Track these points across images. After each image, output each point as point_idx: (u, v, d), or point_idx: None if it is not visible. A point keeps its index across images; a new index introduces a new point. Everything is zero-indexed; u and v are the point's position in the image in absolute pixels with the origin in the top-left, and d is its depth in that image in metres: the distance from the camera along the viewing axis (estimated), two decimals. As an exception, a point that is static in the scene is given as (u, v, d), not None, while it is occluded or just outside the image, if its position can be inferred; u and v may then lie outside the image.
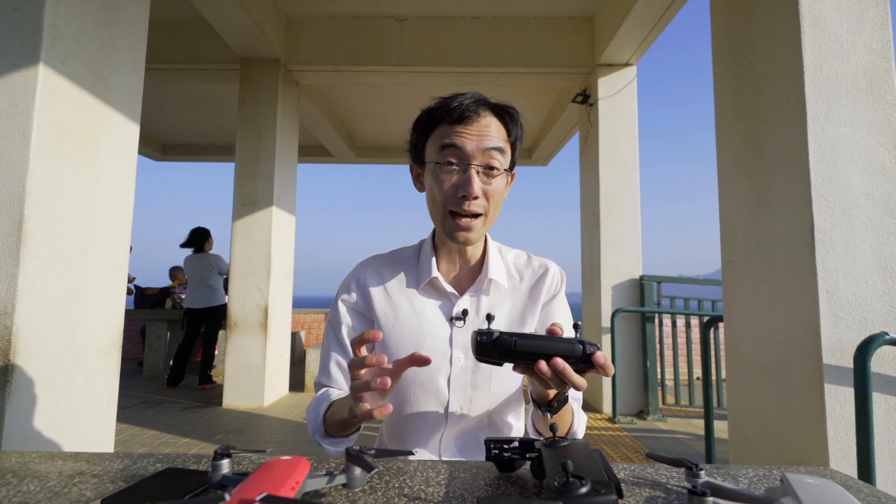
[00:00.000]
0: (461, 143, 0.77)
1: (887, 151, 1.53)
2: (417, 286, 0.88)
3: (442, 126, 0.80)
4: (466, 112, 0.77)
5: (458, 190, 0.78)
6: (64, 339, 1.52)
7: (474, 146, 0.77)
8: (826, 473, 0.63)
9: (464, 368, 0.85)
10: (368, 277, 0.90)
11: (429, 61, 4.18)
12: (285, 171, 4.29)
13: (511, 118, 0.82)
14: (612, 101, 4.07)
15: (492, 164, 0.78)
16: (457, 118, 0.78)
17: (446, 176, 0.79)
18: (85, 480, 0.56)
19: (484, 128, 0.78)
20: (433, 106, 0.82)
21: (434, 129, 0.81)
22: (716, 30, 2.04)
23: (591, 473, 0.49)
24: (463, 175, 0.78)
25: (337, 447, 0.81)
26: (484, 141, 0.77)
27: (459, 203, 0.78)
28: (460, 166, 0.78)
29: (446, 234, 0.82)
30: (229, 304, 4.05)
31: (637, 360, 3.90)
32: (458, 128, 0.78)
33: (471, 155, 0.77)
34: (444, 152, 0.78)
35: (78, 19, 1.57)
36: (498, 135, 0.79)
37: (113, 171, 1.73)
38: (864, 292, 1.48)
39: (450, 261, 0.89)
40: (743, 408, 1.83)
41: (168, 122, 6.56)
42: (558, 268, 0.93)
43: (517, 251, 0.95)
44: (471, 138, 0.77)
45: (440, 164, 0.79)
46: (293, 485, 0.45)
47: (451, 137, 0.78)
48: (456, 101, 0.79)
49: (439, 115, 0.80)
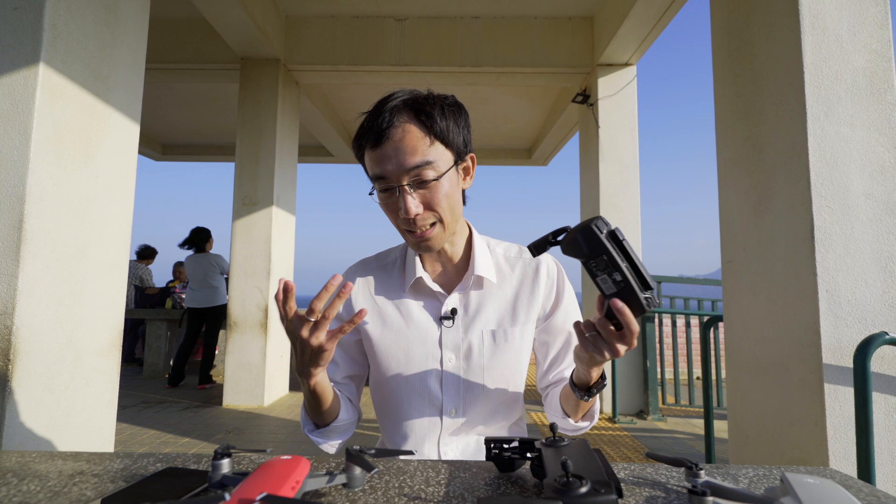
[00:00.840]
0: (383, 170, 0.74)
1: (887, 151, 1.53)
2: (404, 288, 0.87)
3: (367, 151, 0.77)
4: (379, 129, 0.74)
5: (399, 212, 0.76)
6: (64, 339, 1.52)
7: (394, 168, 0.73)
8: (826, 473, 0.63)
9: (455, 369, 0.84)
10: (354, 287, 0.89)
11: (429, 61, 4.18)
12: (285, 171, 4.29)
13: (427, 114, 0.75)
14: (612, 100, 4.07)
15: (422, 177, 0.74)
16: (374, 140, 0.74)
17: (386, 202, 0.78)
18: (85, 480, 0.56)
19: (399, 143, 0.73)
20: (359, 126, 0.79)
21: (363, 153, 0.79)
22: (716, 30, 2.04)
23: (591, 473, 0.49)
24: (397, 198, 0.75)
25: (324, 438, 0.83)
26: (403, 160, 0.73)
27: (409, 224, 0.77)
28: (392, 190, 0.75)
29: (413, 248, 0.83)
30: (229, 303, 4.05)
31: (637, 359, 3.90)
32: (377, 152, 0.75)
33: (397, 177, 0.74)
34: (377, 182, 0.76)
35: (78, 19, 1.57)
36: (418, 145, 0.73)
37: (113, 171, 1.73)
38: (864, 292, 1.48)
39: (434, 260, 0.88)
40: (743, 408, 1.83)
41: (168, 122, 6.55)
42: (552, 258, 0.91)
43: (508, 244, 0.93)
44: (391, 161, 0.73)
45: (378, 192, 0.78)
46: (293, 484, 0.45)
47: (377, 166, 0.75)
48: (373, 117, 0.75)
49: (361, 142, 0.77)
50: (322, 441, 0.84)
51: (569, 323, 0.89)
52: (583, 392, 0.76)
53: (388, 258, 0.92)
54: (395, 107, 0.75)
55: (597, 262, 0.60)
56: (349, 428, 0.86)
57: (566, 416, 0.84)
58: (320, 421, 0.81)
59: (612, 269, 0.59)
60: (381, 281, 0.89)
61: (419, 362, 0.84)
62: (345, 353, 0.90)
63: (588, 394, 0.76)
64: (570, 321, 0.89)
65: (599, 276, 0.61)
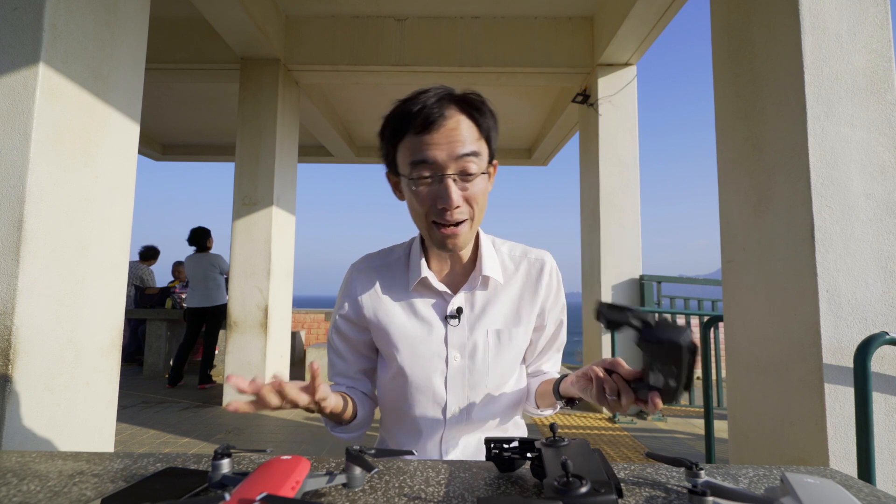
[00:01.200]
0: (431, 155, 0.72)
1: (887, 151, 1.53)
2: (409, 287, 0.87)
3: (409, 137, 0.74)
4: (430, 117, 0.72)
5: (436, 202, 0.74)
6: (64, 339, 1.52)
7: (445, 156, 0.72)
8: (826, 473, 0.63)
9: (460, 368, 0.84)
10: (359, 285, 0.89)
11: (429, 61, 4.17)
12: (285, 171, 4.29)
13: (479, 111, 0.76)
14: (612, 100, 4.07)
15: (468, 169, 0.73)
16: (421, 126, 0.72)
17: (423, 189, 0.75)
18: (85, 480, 0.56)
19: (452, 132, 0.73)
20: (396, 112, 0.76)
21: (401, 139, 0.76)
22: (716, 30, 2.04)
23: (591, 473, 0.49)
24: (439, 186, 0.73)
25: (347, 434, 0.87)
26: (455, 148, 0.72)
27: (441, 214, 0.75)
28: (434, 178, 0.74)
29: (435, 245, 0.80)
30: (229, 303, 4.05)
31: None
32: (425, 138, 0.73)
33: (444, 165, 0.73)
34: (416, 168, 0.74)
35: (78, 19, 1.57)
36: (469, 136, 0.74)
37: (113, 171, 1.73)
38: (864, 292, 1.48)
39: (441, 259, 0.87)
40: (743, 408, 1.83)
41: (168, 122, 6.55)
42: (550, 257, 0.92)
43: (512, 243, 0.93)
44: (440, 148, 0.72)
45: (413, 179, 0.75)
46: (293, 484, 0.45)
47: (421, 151, 0.73)
48: (418, 105, 0.73)
49: (404, 124, 0.75)
50: (346, 436, 0.87)
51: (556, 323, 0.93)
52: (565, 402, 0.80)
53: (393, 256, 0.91)
54: (443, 97, 0.74)
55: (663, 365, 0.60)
56: (368, 420, 0.90)
57: (536, 407, 0.91)
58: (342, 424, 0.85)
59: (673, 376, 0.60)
60: (387, 278, 0.89)
61: (424, 360, 0.84)
62: (356, 351, 0.91)
63: (569, 405, 0.80)
64: (560, 323, 0.93)
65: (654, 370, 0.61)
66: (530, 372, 0.96)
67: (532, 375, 0.96)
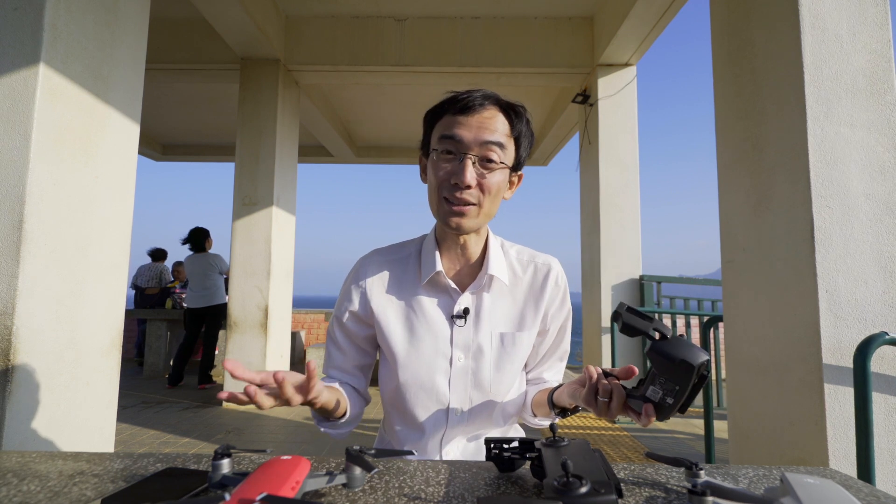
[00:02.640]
0: (459, 133, 0.77)
1: (887, 151, 1.53)
2: (419, 283, 0.87)
3: (446, 117, 0.80)
4: (470, 103, 0.78)
5: (451, 177, 0.78)
6: (64, 339, 1.52)
7: (472, 137, 0.77)
8: (826, 473, 0.63)
9: (464, 368, 0.84)
10: (368, 279, 0.89)
11: (429, 61, 4.17)
12: (285, 171, 4.29)
13: (516, 114, 0.82)
14: (612, 101, 4.07)
15: (489, 156, 0.78)
16: (459, 109, 0.78)
17: (443, 164, 0.79)
18: (85, 480, 0.56)
19: (485, 120, 0.78)
20: (443, 99, 0.83)
21: (439, 120, 0.82)
22: (716, 30, 2.04)
23: (591, 473, 0.49)
24: (458, 164, 0.78)
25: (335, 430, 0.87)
26: (483, 133, 0.77)
27: (452, 190, 0.78)
28: (457, 156, 0.78)
29: (440, 220, 0.82)
30: (229, 304, 4.05)
31: (637, 360, 3.90)
32: (459, 118, 0.78)
33: (468, 145, 0.77)
34: (443, 142, 0.79)
35: (78, 19, 1.57)
36: (500, 128, 0.79)
37: (113, 171, 1.73)
38: (864, 292, 1.48)
39: (452, 256, 0.88)
40: (743, 408, 1.83)
41: (168, 122, 6.55)
42: (558, 264, 0.92)
43: (520, 247, 0.94)
44: (469, 129, 0.77)
45: (438, 151, 0.79)
46: (293, 485, 0.45)
47: (451, 128, 0.78)
48: (464, 94, 0.79)
49: (445, 107, 0.81)
50: (334, 433, 0.87)
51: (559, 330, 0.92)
52: (559, 412, 0.81)
53: (404, 251, 0.92)
54: (490, 95, 0.80)
55: (667, 381, 0.59)
56: (357, 419, 0.90)
57: (533, 416, 0.91)
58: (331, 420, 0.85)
59: (673, 394, 0.59)
60: (396, 274, 0.89)
61: (429, 359, 0.84)
62: (355, 345, 0.91)
63: (563, 415, 0.80)
64: (562, 330, 0.93)
65: (656, 387, 0.60)
66: (530, 378, 0.95)
67: (532, 382, 0.95)
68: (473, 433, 0.88)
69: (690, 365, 0.57)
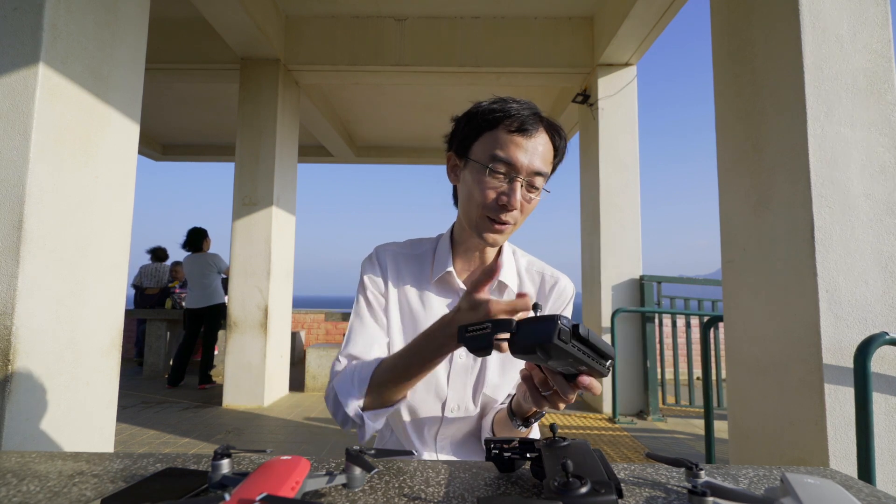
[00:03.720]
0: (515, 157, 0.77)
1: (887, 151, 1.53)
2: (430, 280, 0.89)
3: (499, 131, 0.78)
4: (526, 124, 0.77)
5: (499, 198, 0.78)
6: (64, 339, 1.52)
7: (526, 162, 0.77)
8: (826, 473, 0.63)
9: (464, 366, 0.85)
10: (386, 262, 0.90)
11: (429, 61, 4.17)
12: (285, 171, 4.29)
13: (560, 137, 0.82)
14: (612, 101, 4.07)
15: (535, 182, 0.79)
16: (517, 128, 0.77)
17: (492, 182, 0.78)
18: (85, 480, 0.56)
19: (539, 145, 0.78)
20: (491, 105, 0.80)
21: (489, 130, 0.80)
22: (716, 30, 2.04)
23: (592, 473, 0.49)
24: (509, 185, 0.78)
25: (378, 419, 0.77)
26: (536, 161, 0.78)
27: (498, 211, 0.78)
28: (508, 176, 0.78)
29: (476, 233, 0.82)
30: (229, 304, 4.05)
31: (637, 360, 3.90)
32: (517, 138, 0.77)
33: (521, 170, 0.77)
34: (496, 161, 0.77)
35: (78, 19, 1.57)
36: (548, 156, 0.80)
37: (113, 171, 1.73)
38: (864, 292, 1.48)
39: (466, 259, 0.89)
40: (743, 408, 1.83)
41: (168, 122, 6.55)
42: (570, 283, 0.93)
43: (532, 258, 0.95)
44: (526, 153, 0.77)
45: (489, 168, 0.78)
46: (293, 485, 0.45)
47: (508, 149, 0.77)
48: (515, 108, 0.78)
49: (498, 119, 0.79)
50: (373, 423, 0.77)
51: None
52: (520, 422, 0.77)
53: (420, 248, 0.93)
54: (536, 113, 0.80)
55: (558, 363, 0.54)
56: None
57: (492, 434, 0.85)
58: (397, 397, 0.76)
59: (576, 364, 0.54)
60: (410, 268, 0.90)
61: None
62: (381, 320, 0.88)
63: (525, 424, 0.77)
64: None
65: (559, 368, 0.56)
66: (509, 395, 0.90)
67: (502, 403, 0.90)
68: (469, 433, 0.89)
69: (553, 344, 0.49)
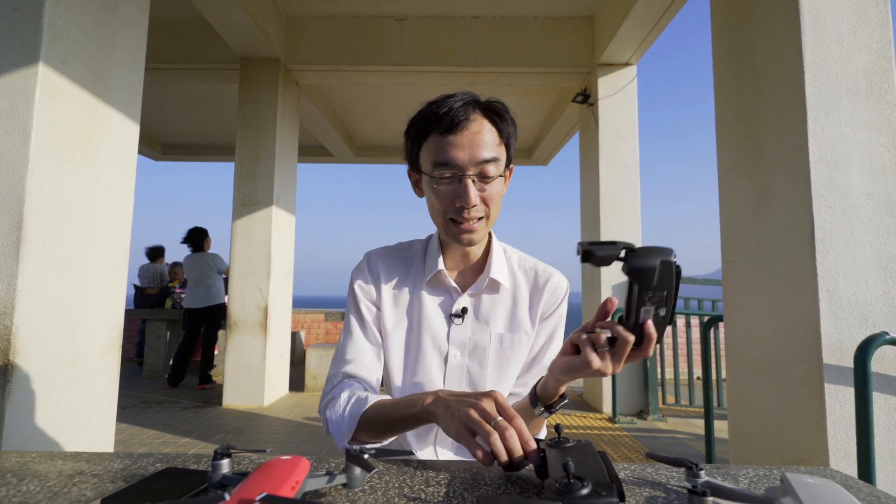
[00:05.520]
0: (453, 156, 0.76)
1: (887, 151, 1.53)
2: (422, 281, 0.89)
3: (433, 136, 0.78)
4: (456, 119, 0.75)
5: (455, 201, 0.77)
6: (64, 339, 1.52)
7: (467, 158, 0.76)
8: (826, 473, 0.63)
9: (460, 366, 0.86)
10: (378, 267, 0.90)
11: (429, 61, 4.17)
12: (285, 171, 4.29)
13: (501, 117, 0.80)
14: (612, 100, 4.07)
15: (486, 172, 0.77)
16: (447, 127, 0.76)
17: (443, 188, 0.78)
18: (85, 480, 0.56)
19: (475, 135, 0.76)
20: (423, 113, 0.80)
21: (426, 138, 0.79)
22: (716, 30, 2.04)
23: (593, 475, 0.49)
24: (458, 185, 0.77)
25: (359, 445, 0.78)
26: (476, 151, 0.76)
27: (459, 212, 0.78)
28: (455, 177, 0.77)
29: (450, 238, 0.83)
30: (229, 304, 4.05)
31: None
32: (449, 138, 0.76)
33: (464, 167, 0.76)
34: (438, 168, 0.77)
35: (78, 19, 1.56)
36: (490, 141, 0.77)
37: (113, 171, 1.73)
38: (865, 292, 1.48)
39: (455, 258, 0.89)
40: (743, 408, 1.83)
41: (168, 122, 6.55)
42: (564, 279, 0.92)
43: (523, 254, 0.94)
44: (462, 150, 0.76)
45: (435, 178, 0.78)
46: (293, 485, 0.45)
47: (444, 152, 0.76)
48: (445, 107, 0.77)
49: (428, 125, 0.78)
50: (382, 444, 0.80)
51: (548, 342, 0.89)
52: (543, 408, 0.74)
53: (411, 250, 0.93)
54: (469, 102, 0.78)
55: (654, 295, 0.58)
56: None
57: None
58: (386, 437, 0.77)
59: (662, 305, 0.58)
60: (402, 271, 0.91)
61: (426, 355, 0.85)
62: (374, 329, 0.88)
63: (549, 410, 0.74)
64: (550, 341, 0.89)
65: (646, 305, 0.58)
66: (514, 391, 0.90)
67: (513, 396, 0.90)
68: None
69: (671, 265, 0.56)
